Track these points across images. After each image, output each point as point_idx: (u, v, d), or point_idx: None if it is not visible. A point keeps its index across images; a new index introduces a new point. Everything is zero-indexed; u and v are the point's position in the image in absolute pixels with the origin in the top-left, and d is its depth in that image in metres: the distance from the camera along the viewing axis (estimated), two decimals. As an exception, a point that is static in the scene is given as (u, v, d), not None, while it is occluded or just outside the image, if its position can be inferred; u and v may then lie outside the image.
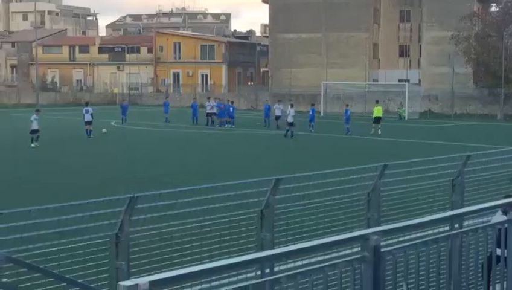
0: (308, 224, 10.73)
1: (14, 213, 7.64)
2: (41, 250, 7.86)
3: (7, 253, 6.42)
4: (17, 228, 7.45)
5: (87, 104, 43.31)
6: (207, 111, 50.74)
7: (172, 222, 9.05)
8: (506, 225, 6.15)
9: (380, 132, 42.33)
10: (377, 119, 43.50)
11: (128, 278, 6.16)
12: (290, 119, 41.17)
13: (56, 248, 8.00)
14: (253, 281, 4.30)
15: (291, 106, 43.58)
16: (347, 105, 47.23)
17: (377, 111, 43.98)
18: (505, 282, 6.24)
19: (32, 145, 33.74)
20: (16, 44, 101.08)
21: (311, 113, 44.76)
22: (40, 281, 7.35)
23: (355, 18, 75.54)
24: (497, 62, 63.66)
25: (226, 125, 49.40)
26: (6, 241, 7.34)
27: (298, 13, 76.43)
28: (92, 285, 7.97)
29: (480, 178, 13.77)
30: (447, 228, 9.19)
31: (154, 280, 3.69)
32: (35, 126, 34.61)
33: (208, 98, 54.83)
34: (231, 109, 50.77)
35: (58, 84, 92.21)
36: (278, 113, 47.58)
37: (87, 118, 39.99)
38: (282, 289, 4.40)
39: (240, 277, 5.76)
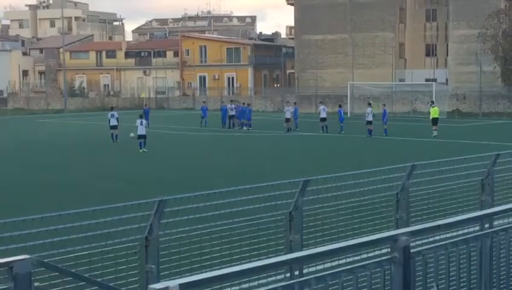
0: (336, 225, 10.71)
1: (45, 218, 7.72)
2: (72, 254, 7.93)
3: (39, 257, 6.49)
4: (48, 233, 7.53)
5: (112, 108, 43.60)
6: (228, 114, 51.34)
7: (201, 225, 9.08)
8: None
9: (436, 133, 41.52)
10: (435, 121, 42.62)
11: (158, 281, 6.19)
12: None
13: (87, 252, 8.07)
14: (283, 283, 4.31)
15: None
16: (384, 105, 46.78)
17: (434, 112, 43.17)
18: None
19: (143, 150, 33.99)
20: (43, 50, 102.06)
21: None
22: (71, 285, 7.41)
23: (381, 18, 75.28)
24: (525, 60, 63.07)
25: (244, 128, 49.56)
26: (38, 246, 7.42)
27: (323, 14, 76.30)
28: (123, 289, 8.02)
29: (510, 177, 13.64)
30: (477, 228, 9.13)
31: (185, 283, 3.71)
32: (142, 131, 34.78)
33: (231, 101, 56.01)
34: (247, 111, 51.03)
35: (85, 90, 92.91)
36: (287, 115, 47.59)
37: (113, 122, 40.18)
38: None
39: (269, 279, 5.77)
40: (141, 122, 35.09)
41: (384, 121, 43.06)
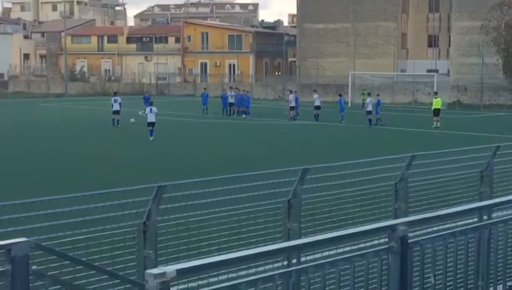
0: (335, 214, 10.70)
1: (44, 201, 7.72)
2: (70, 238, 7.93)
3: (37, 240, 6.49)
4: (46, 216, 7.53)
5: (115, 93, 43.68)
6: (228, 101, 51.31)
7: (200, 211, 9.08)
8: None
9: (439, 124, 41.44)
10: (437, 112, 42.51)
11: (155, 267, 6.20)
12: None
13: (85, 236, 8.07)
14: (280, 271, 4.31)
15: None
16: (378, 95, 46.68)
17: (436, 103, 43.06)
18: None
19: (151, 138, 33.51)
20: (45, 34, 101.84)
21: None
22: (69, 269, 7.41)
23: (384, 7, 75.08)
24: (527, 52, 62.96)
25: (243, 115, 49.43)
26: (36, 229, 7.42)
27: (326, 3, 76.10)
28: (120, 273, 8.03)
29: (510, 169, 13.63)
30: (476, 219, 9.12)
31: (182, 269, 3.72)
32: (151, 118, 34.17)
33: (230, 88, 56.36)
34: (246, 98, 50.91)
35: (86, 74, 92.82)
36: (292, 104, 47.50)
37: (115, 107, 40.25)
38: (309, 279, 4.40)
39: (266, 267, 5.77)
40: (151, 109, 34.93)
41: (376, 111, 42.97)
